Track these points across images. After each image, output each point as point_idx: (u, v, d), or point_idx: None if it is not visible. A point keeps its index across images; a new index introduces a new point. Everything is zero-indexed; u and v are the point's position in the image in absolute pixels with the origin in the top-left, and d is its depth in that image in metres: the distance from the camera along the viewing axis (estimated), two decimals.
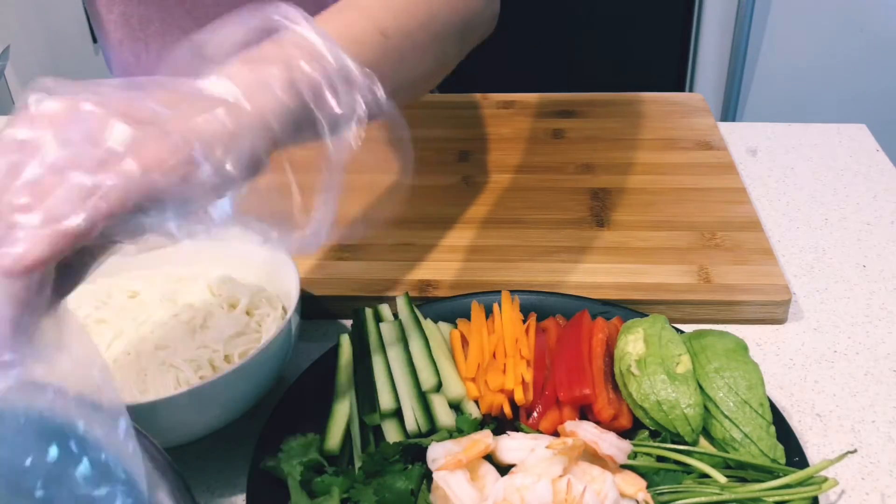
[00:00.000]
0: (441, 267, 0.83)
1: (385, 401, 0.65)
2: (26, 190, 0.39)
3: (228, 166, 0.43)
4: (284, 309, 0.70)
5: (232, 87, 0.45)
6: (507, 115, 1.09)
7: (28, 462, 0.39)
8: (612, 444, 0.60)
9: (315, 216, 0.50)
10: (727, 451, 0.61)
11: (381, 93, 0.50)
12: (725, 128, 1.06)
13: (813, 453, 0.66)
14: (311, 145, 0.50)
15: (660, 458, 0.61)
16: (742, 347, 0.67)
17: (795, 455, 0.61)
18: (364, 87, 0.50)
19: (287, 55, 0.48)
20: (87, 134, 0.40)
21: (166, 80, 0.45)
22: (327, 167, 0.50)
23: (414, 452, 0.62)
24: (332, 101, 0.49)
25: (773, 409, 0.63)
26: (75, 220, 0.39)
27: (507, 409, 0.66)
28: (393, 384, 0.66)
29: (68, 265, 0.42)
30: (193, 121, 0.43)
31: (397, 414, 0.65)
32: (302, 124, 0.48)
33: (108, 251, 0.44)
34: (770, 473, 0.60)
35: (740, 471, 0.61)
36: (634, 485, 0.58)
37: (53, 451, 0.40)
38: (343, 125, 0.50)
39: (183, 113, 0.43)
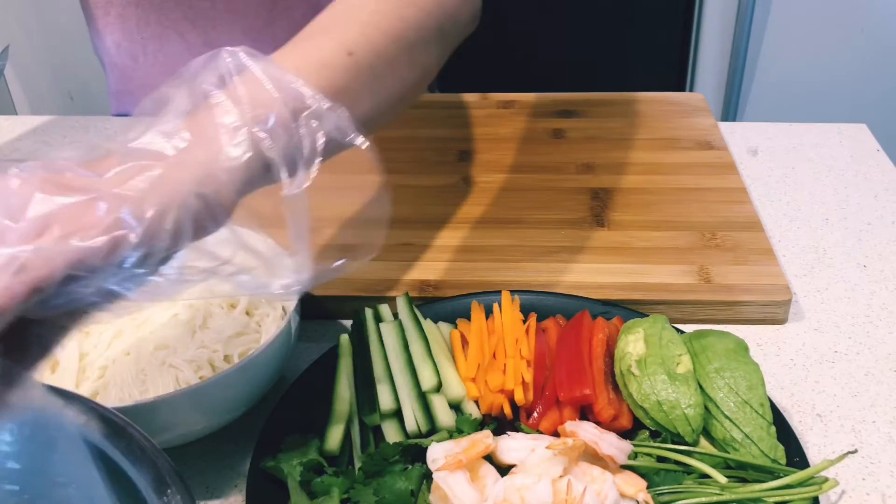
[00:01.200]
0: (441, 267, 0.83)
1: (385, 401, 0.65)
2: None
3: (167, 226, 0.42)
4: (284, 309, 0.70)
5: (174, 141, 0.44)
6: (507, 115, 1.09)
7: None
8: (612, 445, 0.60)
9: (292, 259, 0.48)
10: (727, 452, 0.61)
11: (345, 123, 0.49)
12: (726, 128, 1.06)
13: (813, 454, 0.66)
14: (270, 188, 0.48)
15: (660, 459, 0.61)
16: (742, 347, 0.67)
17: (796, 455, 0.61)
18: (327, 119, 0.48)
19: (237, 97, 0.46)
20: (9, 209, 0.39)
21: (113, 145, 0.44)
22: (288, 208, 0.48)
23: (414, 453, 0.62)
24: (284, 141, 0.47)
25: (774, 409, 0.63)
26: None
27: (507, 410, 0.66)
28: (393, 384, 0.66)
29: (21, 340, 0.41)
30: (125, 184, 0.41)
31: (397, 414, 0.65)
32: (255, 170, 0.46)
33: (70, 322, 0.42)
34: (770, 474, 0.60)
35: (741, 471, 0.60)
36: (635, 485, 0.58)
37: None
38: (302, 163, 0.48)
39: (114, 176, 0.42)
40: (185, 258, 0.44)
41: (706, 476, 0.60)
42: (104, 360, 0.65)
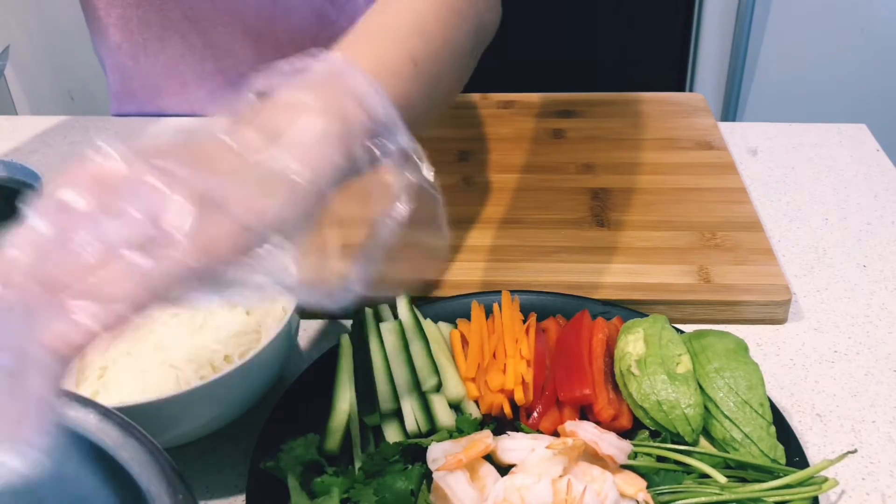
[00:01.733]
0: (441, 267, 0.83)
1: (385, 401, 0.65)
2: (75, 264, 0.37)
3: (283, 248, 0.42)
4: (284, 309, 0.70)
5: (293, 153, 0.43)
6: (507, 115, 1.09)
7: None
8: (612, 445, 0.60)
9: (353, 269, 0.48)
10: (727, 452, 0.61)
11: (410, 143, 0.49)
12: (725, 128, 1.06)
13: (813, 453, 0.66)
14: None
15: (660, 459, 0.61)
16: (742, 347, 0.67)
17: (796, 455, 0.61)
18: (404, 139, 0.48)
19: (343, 109, 0.46)
20: (146, 210, 0.38)
21: (230, 141, 0.42)
22: (375, 227, 0.48)
23: (414, 452, 0.62)
24: (377, 155, 0.47)
25: (774, 409, 0.63)
26: (124, 306, 0.37)
27: (507, 409, 0.66)
28: (393, 384, 0.66)
29: None
30: (257, 204, 0.41)
31: (397, 414, 0.65)
32: (346, 180, 0.46)
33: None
34: (770, 473, 0.60)
35: (740, 471, 0.61)
36: (634, 485, 0.58)
37: None
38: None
39: (248, 193, 0.41)
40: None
41: (706, 476, 0.60)
42: (104, 360, 0.65)
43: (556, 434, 0.63)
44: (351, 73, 0.47)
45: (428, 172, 0.50)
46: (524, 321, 0.71)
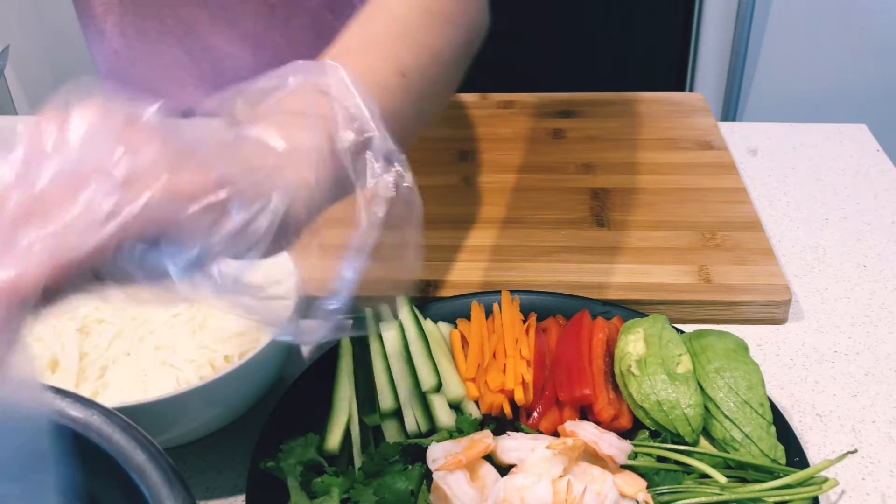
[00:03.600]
0: (441, 267, 0.83)
1: (385, 401, 0.65)
2: (36, 198, 0.35)
3: (262, 224, 0.39)
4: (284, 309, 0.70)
5: (282, 142, 0.42)
6: (507, 115, 1.09)
7: None
8: (612, 445, 0.60)
9: (333, 286, 0.47)
10: (727, 452, 0.61)
11: (396, 153, 0.48)
12: (725, 128, 1.06)
13: (813, 453, 0.66)
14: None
15: (660, 459, 0.61)
16: (742, 347, 0.67)
17: (796, 455, 0.61)
18: (392, 153, 0.47)
19: (333, 118, 0.45)
20: (123, 144, 0.36)
21: (215, 123, 0.41)
22: (357, 235, 0.46)
23: (414, 452, 0.62)
24: (368, 170, 0.46)
25: (774, 409, 0.63)
26: (83, 250, 0.34)
27: (507, 410, 0.66)
28: (393, 384, 0.66)
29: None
30: (239, 163, 0.39)
31: (397, 414, 0.65)
32: (338, 193, 0.45)
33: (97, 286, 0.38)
34: (770, 474, 0.60)
35: (740, 471, 0.61)
36: (634, 485, 0.58)
37: None
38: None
39: (229, 154, 0.39)
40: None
41: (706, 476, 0.60)
42: (104, 360, 0.65)
43: (556, 434, 0.63)
44: (334, 80, 0.46)
45: (411, 181, 0.49)
46: (524, 321, 0.71)
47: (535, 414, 0.65)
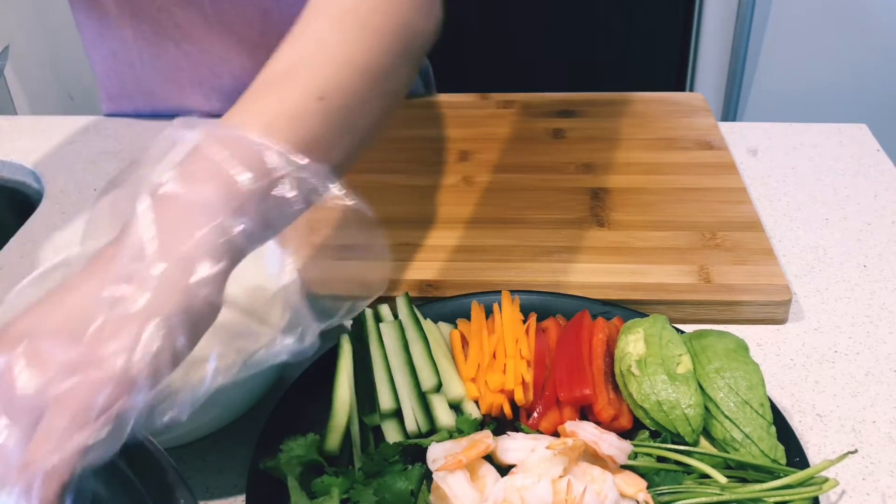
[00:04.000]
0: (441, 267, 0.83)
1: (385, 401, 0.65)
2: None
3: (163, 369, 0.43)
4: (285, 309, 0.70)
5: (149, 269, 0.43)
6: (507, 115, 1.09)
7: None
8: (612, 445, 0.60)
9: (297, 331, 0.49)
10: (727, 452, 0.61)
11: (322, 178, 0.48)
12: (725, 128, 1.06)
13: (813, 453, 0.66)
14: None
15: (660, 459, 0.61)
16: (742, 347, 0.67)
17: (796, 455, 0.61)
18: (303, 178, 0.48)
19: (198, 192, 0.45)
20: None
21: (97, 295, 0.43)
22: (282, 295, 0.48)
23: (414, 453, 0.62)
24: (261, 216, 0.46)
25: (774, 409, 0.63)
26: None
27: (507, 410, 0.66)
28: (393, 384, 0.66)
29: None
30: (108, 345, 0.41)
31: (397, 414, 0.65)
32: (234, 263, 0.46)
33: None
34: (770, 474, 0.60)
35: (741, 471, 0.60)
36: (635, 485, 0.58)
37: None
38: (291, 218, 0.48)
39: (95, 337, 0.41)
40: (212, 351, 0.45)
41: (706, 476, 0.60)
42: None
43: (556, 434, 0.63)
44: (231, 139, 0.47)
45: (348, 197, 0.50)
46: (524, 321, 0.71)
47: (535, 414, 0.65)
